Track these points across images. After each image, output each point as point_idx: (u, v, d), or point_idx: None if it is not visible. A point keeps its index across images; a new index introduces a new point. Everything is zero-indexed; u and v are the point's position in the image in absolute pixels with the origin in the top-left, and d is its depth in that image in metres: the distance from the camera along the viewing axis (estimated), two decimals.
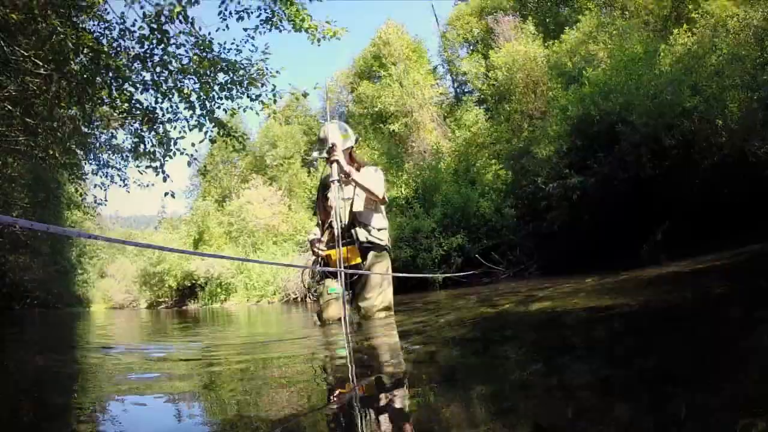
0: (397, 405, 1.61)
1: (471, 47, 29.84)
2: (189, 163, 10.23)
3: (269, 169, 36.56)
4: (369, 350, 2.89)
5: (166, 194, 10.01)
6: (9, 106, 8.99)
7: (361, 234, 4.55)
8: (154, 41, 8.07)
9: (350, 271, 4.35)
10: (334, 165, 4.42)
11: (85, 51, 8.12)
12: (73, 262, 37.61)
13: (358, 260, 4.48)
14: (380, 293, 4.59)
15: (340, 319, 4.41)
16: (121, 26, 8.35)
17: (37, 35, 7.89)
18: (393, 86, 25.81)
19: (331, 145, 4.44)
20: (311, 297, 18.75)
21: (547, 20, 23.77)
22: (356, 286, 4.54)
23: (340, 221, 4.44)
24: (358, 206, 4.59)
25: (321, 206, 4.84)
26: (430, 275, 11.81)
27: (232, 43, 8.92)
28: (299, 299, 19.30)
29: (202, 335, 5.58)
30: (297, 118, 39.17)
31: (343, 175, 4.42)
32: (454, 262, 13.60)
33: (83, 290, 49.57)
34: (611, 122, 11.19)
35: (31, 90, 8.51)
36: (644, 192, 10.24)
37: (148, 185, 13.52)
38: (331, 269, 4.35)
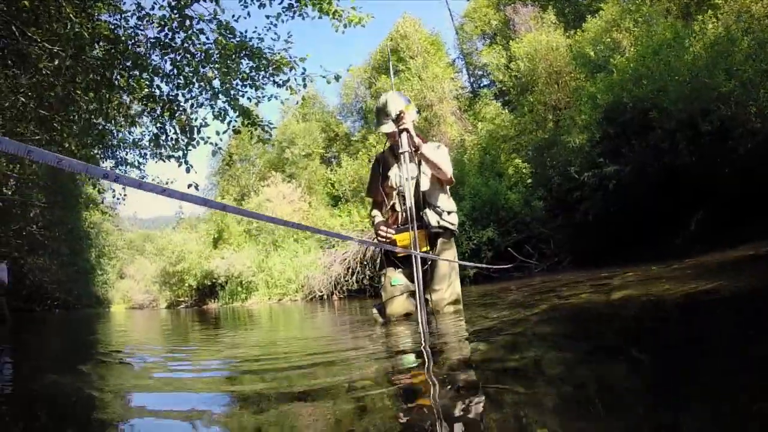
0: None
1: (488, 40, 29.58)
2: (213, 153, 9.98)
3: (288, 166, 36.45)
4: (454, 361, 2.24)
5: (189, 186, 9.79)
6: (23, 99, 8.87)
7: (432, 217, 3.98)
8: (175, 23, 7.86)
9: (427, 255, 3.84)
10: (404, 135, 3.81)
11: (100, 42, 7.95)
12: (93, 263, 37.75)
13: (426, 247, 3.93)
14: (449, 285, 4.07)
15: (406, 315, 3.95)
16: (139, 14, 8.15)
17: (50, 24, 7.76)
18: (412, 80, 25.58)
19: (399, 113, 3.88)
20: (338, 294, 18.74)
21: (566, 10, 23.43)
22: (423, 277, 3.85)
23: (405, 202, 3.88)
24: (425, 185, 4.06)
25: (377, 186, 4.28)
26: (488, 266, 11.46)
27: (254, 32, 8.69)
28: (325, 297, 19.00)
29: (230, 343, 4.65)
30: (314, 115, 39.01)
31: (411, 148, 3.82)
32: (485, 256, 13.35)
33: (103, 291, 49.90)
34: (644, 109, 10.98)
35: (45, 78, 8.34)
36: (678, 180, 9.99)
37: (167, 182, 13.38)
38: (407, 251, 3.69)
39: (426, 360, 2.29)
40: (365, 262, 17.43)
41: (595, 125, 12.80)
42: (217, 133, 9.32)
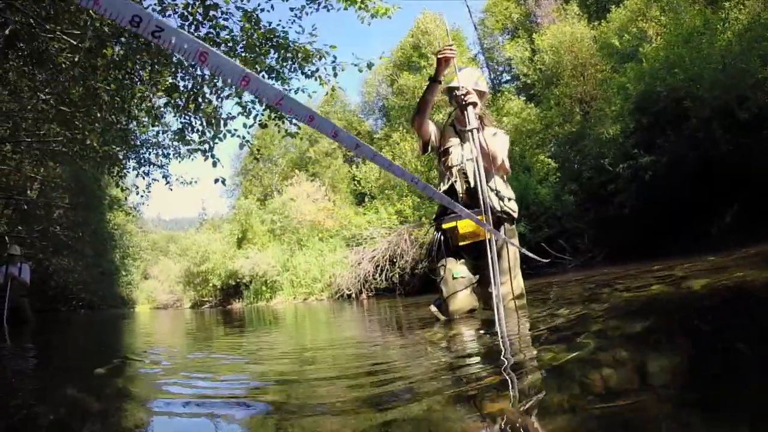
0: None
1: (509, 34, 29.26)
2: (241, 146, 9.85)
3: (311, 165, 36.41)
4: (541, 371, 1.83)
5: (216, 181, 9.74)
6: (43, 97, 8.83)
7: (495, 201, 3.69)
8: (200, 11, 7.70)
9: (500, 235, 3.46)
10: (469, 109, 3.56)
11: (121, 38, 7.86)
12: (117, 264, 37.91)
13: (490, 234, 3.44)
14: (514, 277, 3.74)
15: (470, 311, 3.65)
16: (162, 5, 8.01)
17: (69, 20, 7.72)
18: None
19: (463, 88, 3.63)
20: (367, 293, 18.46)
21: (589, 1, 23.13)
22: (484, 268, 3.47)
23: (467, 183, 3.65)
24: (487, 167, 3.71)
25: (433, 130, 3.95)
26: (539, 258, 11.20)
27: (278, 24, 8.52)
28: (353, 295, 18.71)
29: (259, 350, 4.01)
30: (336, 113, 38.82)
31: (477, 124, 3.54)
32: None
33: (127, 291, 50.27)
34: (677, 98, 10.71)
35: (65, 72, 8.27)
36: (713, 170, 9.74)
37: (191, 182, 13.42)
38: (481, 222, 3.09)
39: (508, 376, 1.82)
40: (395, 260, 17.18)
41: (627, 116, 12.55)
42: (244, 125, 9.17)
